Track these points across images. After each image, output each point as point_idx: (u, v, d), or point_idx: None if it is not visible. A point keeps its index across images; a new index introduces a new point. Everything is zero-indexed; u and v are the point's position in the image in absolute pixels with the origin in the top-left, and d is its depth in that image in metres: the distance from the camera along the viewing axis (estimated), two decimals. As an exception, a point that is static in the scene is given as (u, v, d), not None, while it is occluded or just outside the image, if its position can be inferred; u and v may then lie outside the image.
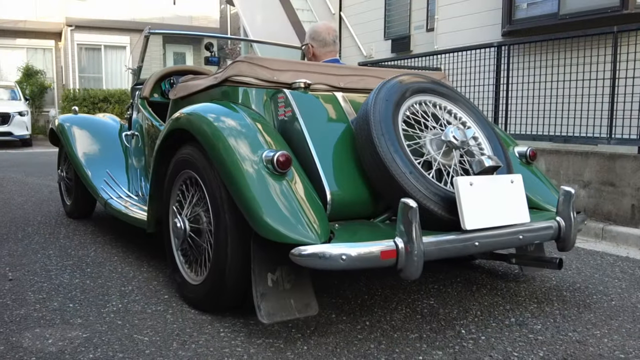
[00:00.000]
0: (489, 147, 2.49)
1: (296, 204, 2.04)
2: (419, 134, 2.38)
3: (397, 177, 2.13)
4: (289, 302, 2.11)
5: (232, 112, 2.34)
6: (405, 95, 2.40)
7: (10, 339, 2.10)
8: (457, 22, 7.29)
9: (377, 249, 1.91)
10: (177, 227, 2.50)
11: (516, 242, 2.27)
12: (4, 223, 4.22)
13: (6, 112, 13.12)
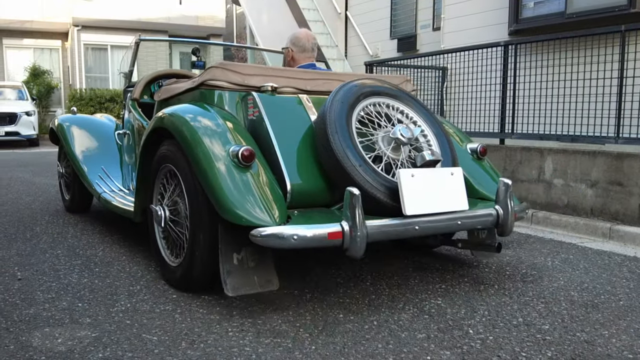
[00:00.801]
0: (437, 144, 2.75)
1: (257, 192, 2.33)
2: (372, 132, 2.65)
3: (348, 169, 2.41)
4: (253, 278, 2.40)
5: (206, 112, 2.63)
6: (360, 98, 2.68)
7: (20, 338, 2.11)
8: (464, 21, 7.28)
9: (325, 231, 2.20)
10: (158, 215, 2.76)
11: (455, 227, 2.56)
12: (12, 223, 4.25)
13: (13, 112, 13.19)
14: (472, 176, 3.01)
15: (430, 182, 2.46)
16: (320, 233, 2.19)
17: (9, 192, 5.88)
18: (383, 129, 2.67)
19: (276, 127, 2.60)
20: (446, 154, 2.72)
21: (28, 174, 7.59)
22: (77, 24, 16.74)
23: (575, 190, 4.45)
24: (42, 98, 16.53)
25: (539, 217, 4.51)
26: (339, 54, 9.84)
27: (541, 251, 3.63)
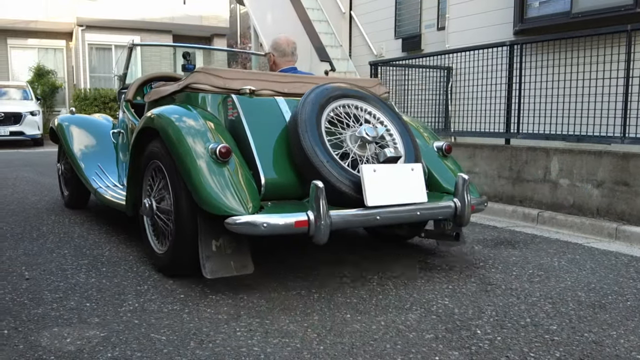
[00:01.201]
0: (401, 142, 2.99)
1: (233, 185, 2.56)
2: (340, 131, 2.88)
3: (316, 165, 2.64)
4: (230, 263, 2.64)
5: (189, 113, 2.85)
6: (330, 100, 2.91)
7: (29, 338, 2.12)
8: (468, 21, 7.27)
9: (292, 220, 2.43)
10: (146, 207, 3.01)
11: (415, 218, 2.79)
12: (19, 222, 4.26)
13: (18, 112, 13.22)
14: (438, 172, 3.25)
15: (391, 176, 2.71)
16: (288, 222, 2.43)
17: (14, 192, 5.90)
18: (351, 128, 2.90)
19: (253, 126, 2.84)
20: (409, 151, 2.95)
21: (33, 174, 7.60)
22: (81, 24, 16.77)
23: (581, 190, 4.45)
24: (47, 98, 16.56)
25: (545, 217, 4.50)
26: (343, 54, 9.84)
27: (547, 251, 3.62)
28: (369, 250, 3.52)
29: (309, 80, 3.23)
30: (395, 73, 6.59)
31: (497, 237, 4.03)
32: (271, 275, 2.94)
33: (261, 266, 3.11)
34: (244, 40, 20.52)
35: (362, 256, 3.37)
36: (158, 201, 2.96)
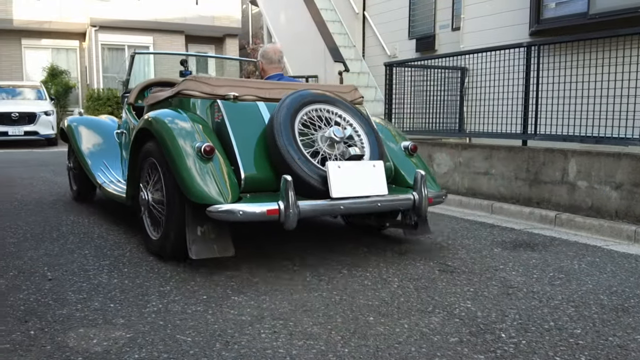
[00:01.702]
0: (367, 142, 3.33)
1: (215, 178, 2.91)
2: (313, 132, 3.21)
3: (288, 161, 2.98)
4: (213, 246, 2.99)
5: (179, 116, 3.20)
6: (303, 105, 3.24)
7: (56, 339, 2.14)
8: (484, 22, 7.24)
9: (265, 208, 2.80)
10: (143, 199, 3.38)
11: (376, 208, 3.19)
12: (38, 222, 4.30)
13: (32, 112, 13.32)
14: (403, 169, 3.59)
15: (354, 172, 3.08)
16: (261, 210, 2.80)
17: (32, 192, 5.95)
18: (322, 130, 3.23)
19: (235, 128, 3.17)
20: (374, 150, 3.30)
21: (49, 174, 7.66)
22: (94, 24, 16.87)
23: (599, 193, 4.42)
24: (60, 98, 16.67)
25: (563, 219, 4.48)
26: (356, 54, 9.84)
27: (567, 254, 3.60)
28: (389, 253, 3.52)
29: (288, 87, 3.51)
30: (411, 74, 6.57)
31: (516, 239, 4.01)
32: (292, 278, 2.95)
33: (282, 268, 3.12)
34: (255, 40, 20.56)
35: (382, 258, 3.37)
36: (153, 193, 3.33)
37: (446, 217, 4.81)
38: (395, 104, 6.55)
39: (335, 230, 4.18)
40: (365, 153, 3.27)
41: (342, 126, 3.29)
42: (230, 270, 3.05)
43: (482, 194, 5.36)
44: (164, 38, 17.87)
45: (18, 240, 3.73)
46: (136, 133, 3.43)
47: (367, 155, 3.27)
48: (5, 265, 3.12)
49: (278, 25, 10.27)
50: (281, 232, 4.01)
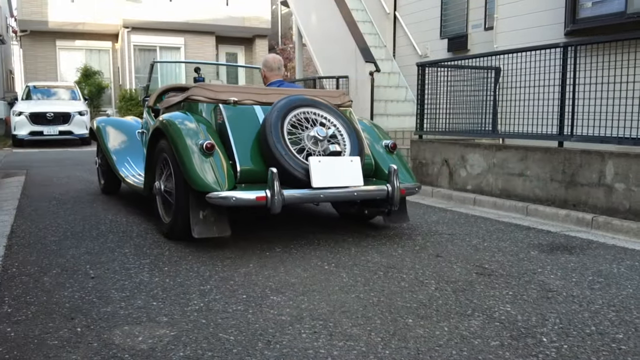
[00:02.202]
0: (348, 140, 3.78)
1: (214, 171, 3.40)
2: (300, 132, 3.67)
3: (277, 157, 3.46)
4: (212, 228, 3.47)
5: (187, 117, 3.72)
6: (291, 108, 3.72)
7: (102, 336, 2.19)
8: (517, 21, 7.16)
9: (254, 195, 3.29)
10: (156, 188, 3.94)
11: (352, 197, 3.67)
12: (77, 221, 4.40)
13: (67, 112, 13.60)
14: (384, 164, 4.01)
15: (332, 166, 3.55)
16: (251, 197, 3.29)
17: (69, 191, 6.08)
18: (308, 129, 3.68)
19: (233, 128, 3.67)
20: (354, 147, 3.75)
21: (85, 173, 7.82)
22: (127, 26, 17.15)
23: (637, 195, 4.34)
24: (94, 98, 17.00)
25: (600, 222, 4.41)
26: (387, 54, 9.81)
27: (605, 257, 3.55)
28: (423, 255, 3.51)
29: (283, 92, 3.97)
30: (444, 74, 6.53)
31: (552, 242, 3.97)
32: (328, 278, 2.97)
33: (316, 268, 3.15)
34: (284, 40, 20.65)
35: (417, 260, 3.37)
36: (165, 184, 3.86)
37: (480, 219, 4.78)
38: (427, 105, 6.53)
39: (368, 231, 4.18)
40: (346, 150, 3.74)
41: (326, 126, 3.76)
42: (267, 271, 3.08)
43: (516, 196, 5.31)
44: (195, 39, 18.07)
45: (59, 238, 3.82)
46: (152, 132, 3.97)
47: (347, 152, 3.72)
48: (49, 263, 3.20)
49: (309, 26, 10.30)
50: (313, 233, 4.04)
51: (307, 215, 4.77)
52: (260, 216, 4.52)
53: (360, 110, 8.34)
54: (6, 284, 2.82)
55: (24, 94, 14.78)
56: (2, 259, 3.30)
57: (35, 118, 13.32)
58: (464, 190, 5.89)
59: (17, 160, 10.04)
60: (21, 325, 2.30)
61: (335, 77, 8.79)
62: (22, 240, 3.77)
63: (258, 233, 4.02)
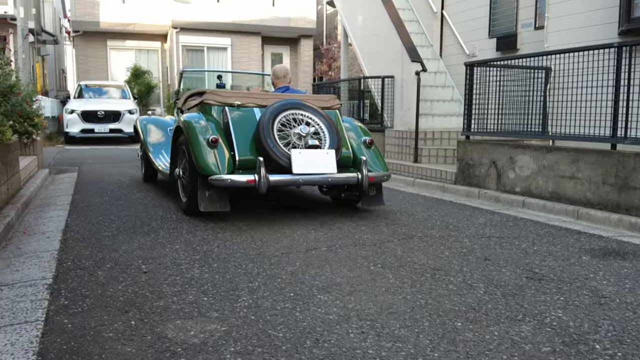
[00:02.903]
0: (328, 136, 4.53)
1: (217, 159, 4.25)
2: (289, 130, 4.46)
3: (266, 148, 4.29)
4: (216, 204, 4.35)
5: (199, 117, 4.58)
6: (281, 110, 4.51)
7: (155, 330, 2.25)
8: (569, 20, 6.99)
9: (245, 178, 4.13)
10: (177, 174, 4.90)
11: (327, 182, 4.55)
12: (129, 217, 4.52)
13: (117, 110, 13.96)
14: (361, 156, 4.66)
15: (310, 156, 4.34)
16: (243, 179, 4.14)
17: (120, 187, 6.25)
18: (294, 127, 4.47)
19: (235, 126, 4.50)
20: (332, 142, 4.50)
21: (134, 170, 8.02)
22: (175, 26, 17.49)
23: (697, 201, 4.18)
24: (143, 97, 17.38)
25: (656, 227, 4.27)
26: (433, 54, 9.72)
27: (661, 264, 3.43)
28: (471, 258, 3.47)
29: (278, 97, 4.81)
30: (494, 73, 6.42)
31: (605, 247, 3.86)
32: (374, 279, 2.97)
33: (362, 268, 3.15)
34: (329, 40, 20.69)
35: (465, 263, 3.34)
36: (183, 170, 4.74)
37: (529, 222, 4.69)
38: (475, 105, 6.44)
39: (414, 233, 4.16)
40: (325, 144, 4.49)
41: (310, 125, 4.53)
42: (313, 270, 3.10)
43: (567, 199, 5.18)
44: (242, 39, 18.29)
45: (112, 233, 3.94)
46: (174, 129, 4.97)
47: (326, 146, 4.47)
48: (103, 258, 3.30)
49: (355, 25, 10.29)
50: (358, 233, 4.04)
51: (352, 216, 4.78)
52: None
53: (405, 110, 8.29)
54: (62, 277, 2.93)
55: (76, 93, 15.25)
56: (58, 252, 3.42)
57: (86, 116, 13.72)
58: (512, 192, 5.79)
59: (69, 157, 10.37)
60: (77, 317, 2.38)
61: (381, 77, 8.75)
62: (76, 234, 3.90)
63: (303, 232, 4.06)
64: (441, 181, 6.86)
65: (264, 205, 5.18)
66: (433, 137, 8.19)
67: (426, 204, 5.62)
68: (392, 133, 8.64)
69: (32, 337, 2.17)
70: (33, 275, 2.96)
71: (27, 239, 3.82)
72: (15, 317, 2.37)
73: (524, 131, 6.14)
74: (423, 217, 4.82)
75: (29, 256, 3.37)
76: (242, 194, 5.40)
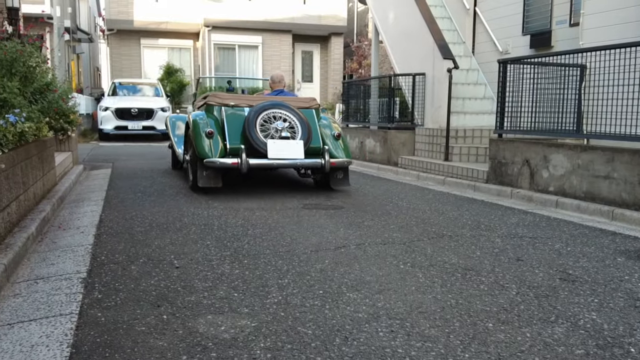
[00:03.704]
0: (301, 130, 5.65)
1: (211, 147, 5.43)
2: (269, 125, 5.60)
3: (249, 139, 5.45)
4: (210, 181, 5.55)
5: (202, 115, 5.82)
6: (263, 109, 5.65)
7: (187, 324, 2.28)
8: (605, 17, 6.83)
9: (231, 161, 5.36)
10: (185, 159, 6.35)
11: (296, 166, 5.82)
12: (162, 213, 4.58)
13: (150, 108, 14.15)
14: (330, 147, 5.83)
15: (283, 146, 5.50)
16: (229, 162, 5.37)
17: (153, 184, 6.34)
18: (273, 123, 5.63)
19: (229, 121, 5.69)
20: (303, 135, 5.64)
21: (167, 167, 8.13)
22: (207, 25, 17.65)
23: None
24: (175, 95, 17.60)
25: (695, 229, 4.15)
26: (465, 51, 9.61)
27: (701, 267, 3.34)
28: (503, 258, 3.43)
29: (265, 99, 6.10)
30: (528, 71, 6.32)
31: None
32: (404, 278, 2.96)
33: (392, 267, 3.14)
34: (360, 38, 20.63)
35: (497, 263, 3.30)
36: (189, 157, 6.03)
37: (563, 222, 4.60)
38: (508, 103, 6.35)
39: (444, 232, 4.13)
40: (297, 136, 5.63)
41: (287, 121, 5.68)
42: (342, 267, 3.10)
43: (601, 199, 5.08)
44: (273, 37, 18.37)
45: (145, 229, 4.00)
46: (185, 124, 6.39)
47: (298, 137, 5.62)
48: (136, 252, 3.36)
49: (386, 23, 10.23)
50: (387, 232, 4.03)
51: (382, 215, 4.76)
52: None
53: (436, 108, 8.22)
54: (96, 271, 2.99)
55: (110, 90, 15.51)
56: (92, 247, 3.49)
57: (120, 113, 13.95)
58: (546, 192, 5.69)
59: (103, 154, 10.57)
60: (111, 310, 2.43)
61: (412, 75, 8.69)
62: (110, 229, 3.97)
63: (332, 231, 4.06)
64: (472, 180, 6.79)
65: (293, 206, 5.20)
66: (464, 135, 8.11)
67: (457, 202, 5.57)
68: (422, 131, 8.57)
69: (67, 329, 2.21)
70: (68, 269, 3.02)
71: (62, 234, 3.90)
72: (50, 310, 2.43)
73: (558, 130, 6.03)
74: (454, 216, 4.78)
75: (64, 250, 3.44)
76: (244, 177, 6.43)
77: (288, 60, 18.60)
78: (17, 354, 2.00)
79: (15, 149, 3.87)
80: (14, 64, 4.65)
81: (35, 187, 4.47)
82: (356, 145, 10.06)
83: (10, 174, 3.58)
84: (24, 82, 5.02)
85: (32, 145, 4.45)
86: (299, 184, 6.71)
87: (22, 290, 2.71)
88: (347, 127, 10.67)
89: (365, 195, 5.90)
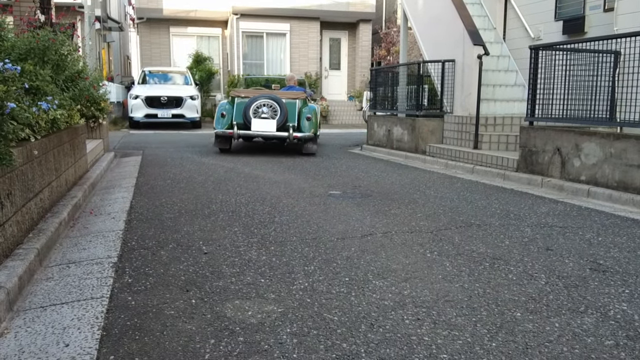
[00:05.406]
0: (280, 114, 8.38)
1: (222, 123, 8.67)
2: (260, 110, 8.45)
3: (244, 118, 8.45)
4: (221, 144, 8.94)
5: (224, 103, 9.10)
6: (256, 100, 8.46)
7: (215, 309, 2.31)
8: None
9: (229, 132, 8.51)
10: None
11: (269, 136, 8.66)
12: (191, 200, 4.64)
13: (179, 96, 14.28)
14: (302, 126, 8.51)
15: (263, 123, 8.36)
16: (227, 131, 8.46)
17: (182, 171, 6.42)
18: (262, 109, 8.38)
19: (237, 107, 8.60)
20: (280, 118, 8.33)
21: (196, 155, 8.22)
22: (236, 13, 17.67)
23: None
24: (204, 83, 17.71)
25: None
26: (496, 37, 9.44)
27: None
28: (533, 247, 3.39)
29: (265, 92, 8.91)
30: (561, 57, 6.19)
31: (676, 239, 3.68)
32: (430, 266, 2.94)
33: (418, 255, 3.13)
34: (388, 24, 20.44)
35: (526, 252, 3.26)
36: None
37: (594, 212, 4.52)
38: (539, 90, 6.24)
39: (472, 220, 4.09)
40: (276, 117, 8.28)
41: (272, 108, 8.33)
42: (369, 255, 3.11)
43: (635, 189, 4.97)
44: (301, 24, 18.31)
45: (174, 215, 4.06)
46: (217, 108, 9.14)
47: (276, 119, 8.28)
48: (165, 238, 3.41)
49: (415, 9, 10.12)
50: (414, 220, 4.01)
51: (409, 204, 4.74)
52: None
53: (466, 95, 8.12)
54: (127, 256, 3.04)
55: (140, 79, 15.69)
56: (122, 232, 3.55)
57: (150, 101, 14.11)
58: (577, 181, 5.59)
59: (133, 141, 10.72)
60: (141, 295, 2.48)
61: (441, 61, 8.59)
62: (140, 215, 4.04)
63: (358, 218, 4.06)
64: (502, 168, 6.70)
65: (320, 194, 5.21)
66: (494, 122, 7.99)
67: (486, 191, 5.51)
68: (451, 118, 8.48)
69: (98, 312, 2.26)
70: (99, 254, 3.09)
71: (93, 219, 3.98)
72: (82, 293, 2.49)
73: (591, 117, 5.90)
74: (482, 205, 4.73)
75: (95, 235, 3.51)
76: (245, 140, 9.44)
77: (315, 47, 18.54)
78: (49, 336, 2.05)
79: (48, 135, 3.95)
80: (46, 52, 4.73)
81: (67, 174, 4.56)
82: (383, 133, 10.01)
83: (42, 160, 3.66)
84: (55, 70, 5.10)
85: (64, 132, 4.54)
86: (327, 173, 6.71)
87: (55, 274, 2.78)
88: (375, 115, 10.62)
89: (392, 184, 5.88)
